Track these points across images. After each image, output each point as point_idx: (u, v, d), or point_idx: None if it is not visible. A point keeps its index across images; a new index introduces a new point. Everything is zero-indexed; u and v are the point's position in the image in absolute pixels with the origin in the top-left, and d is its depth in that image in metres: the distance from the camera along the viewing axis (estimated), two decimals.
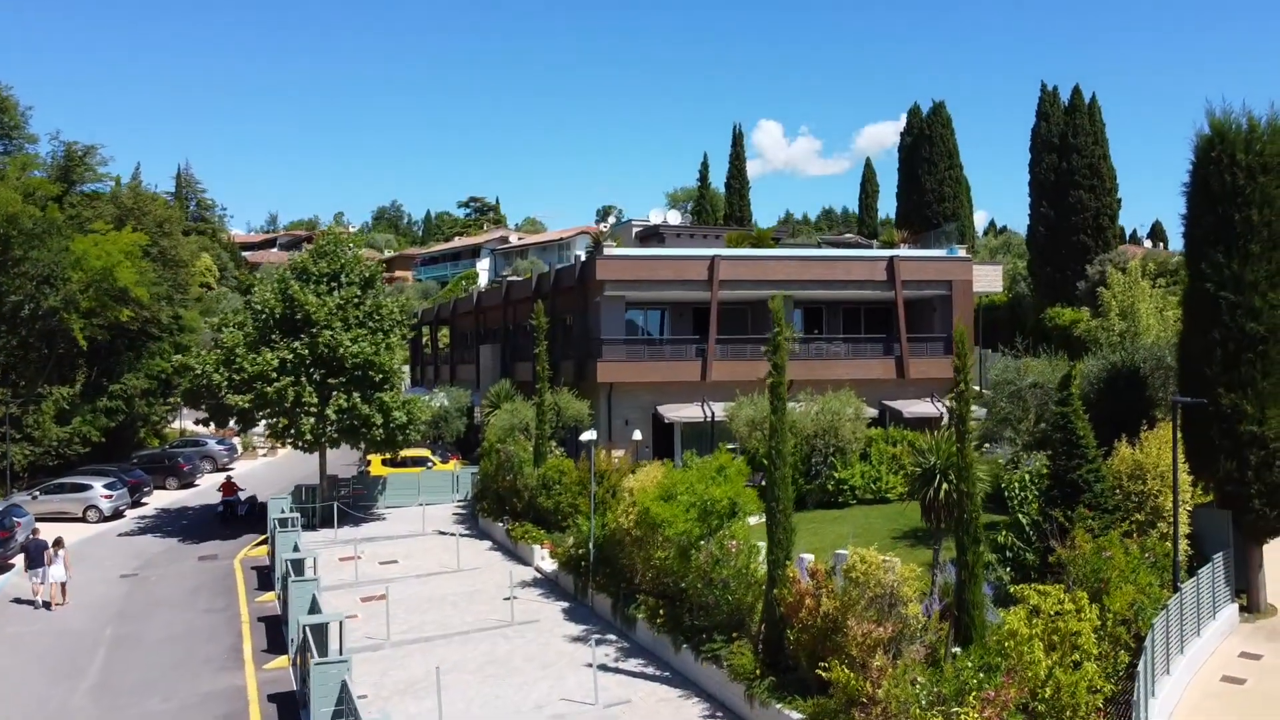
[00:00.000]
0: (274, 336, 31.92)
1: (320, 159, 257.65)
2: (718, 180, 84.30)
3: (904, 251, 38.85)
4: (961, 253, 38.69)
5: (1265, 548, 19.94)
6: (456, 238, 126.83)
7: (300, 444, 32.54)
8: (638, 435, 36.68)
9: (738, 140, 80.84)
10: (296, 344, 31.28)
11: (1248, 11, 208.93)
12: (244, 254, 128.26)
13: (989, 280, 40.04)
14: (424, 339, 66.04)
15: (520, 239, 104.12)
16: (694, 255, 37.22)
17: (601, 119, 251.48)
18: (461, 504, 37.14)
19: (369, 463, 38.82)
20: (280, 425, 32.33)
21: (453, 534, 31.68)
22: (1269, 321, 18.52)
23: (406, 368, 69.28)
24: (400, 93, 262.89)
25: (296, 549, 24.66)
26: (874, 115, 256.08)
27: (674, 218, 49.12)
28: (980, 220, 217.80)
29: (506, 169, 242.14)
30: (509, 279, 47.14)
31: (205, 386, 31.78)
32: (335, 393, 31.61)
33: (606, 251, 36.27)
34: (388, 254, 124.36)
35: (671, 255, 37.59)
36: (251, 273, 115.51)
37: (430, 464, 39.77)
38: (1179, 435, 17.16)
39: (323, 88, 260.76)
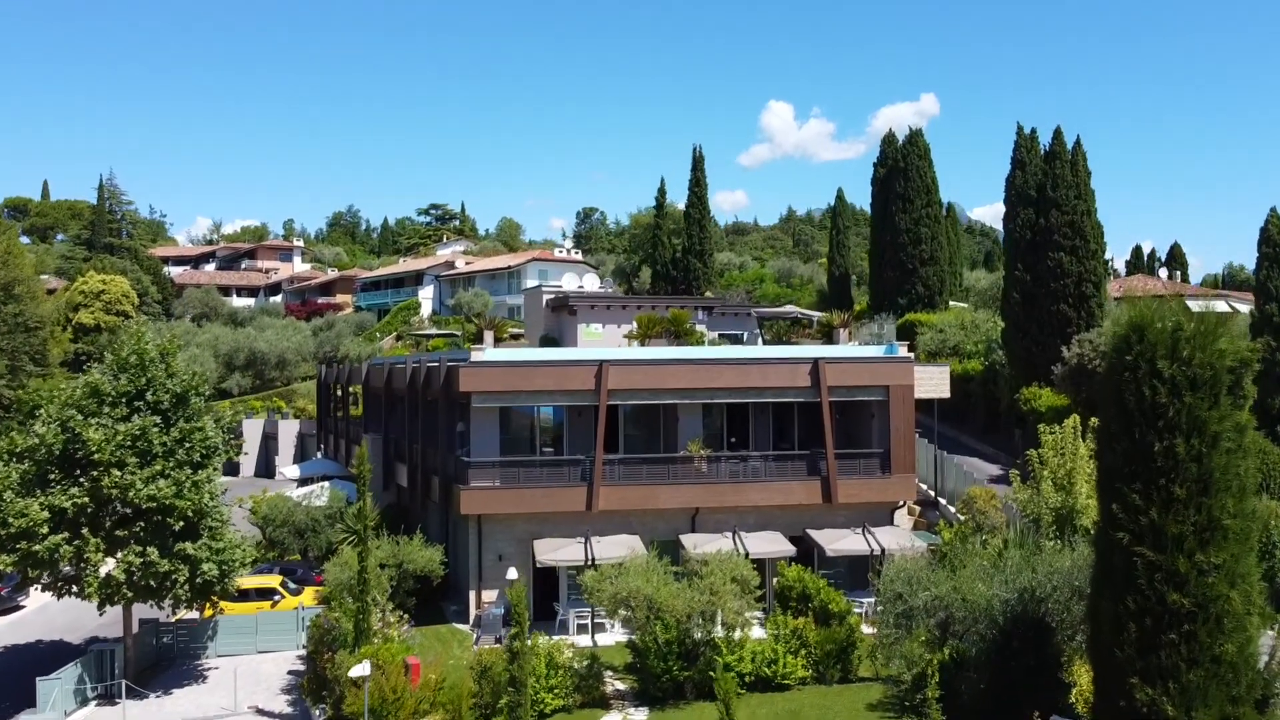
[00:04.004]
0: (53, 476, 28.35)
1: (276, 161, 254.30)
2: (681, 195, 79.89)
3: (831, 351, 35.10)
4: (901, 351, 34.94)
5: None
6: (403, 259, 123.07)
7: (93, 602, 29.07)
8: (513, 574, 32.81)
9: (698, 164, 76.62)
10: (75, 489, 27.74)
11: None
12: (178, 269, 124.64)
13: (934, 384, 36.23)
14: (334, 399, 62.25)
15: (468, 263, 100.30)
16: (578, 360, 33.52)
17: (588, 113, 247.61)
18: (303, 653, 33.48)
19: None
20: (61, 583, 28.83)
21: (270, 714, 28.23)
22: (1197, 593, 14.78)
23: (311, 425, 65.59)
24: (366, 95, 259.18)
25: None
26: (892, 95, 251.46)
27: (591, 282, 45.62)
28: (998, 211, 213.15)
29: (482, 167, 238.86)
30: (392, 363, 43.42)
31: None
32: (126, 546, 28.08)
33: (474, 358, 32.55)
34: (330, 274, 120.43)
35: (552, 360, 33.89)
36: (178, 295, 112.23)
37: (278, 597, 36.10)
38: None
39: (289, 86, 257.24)
